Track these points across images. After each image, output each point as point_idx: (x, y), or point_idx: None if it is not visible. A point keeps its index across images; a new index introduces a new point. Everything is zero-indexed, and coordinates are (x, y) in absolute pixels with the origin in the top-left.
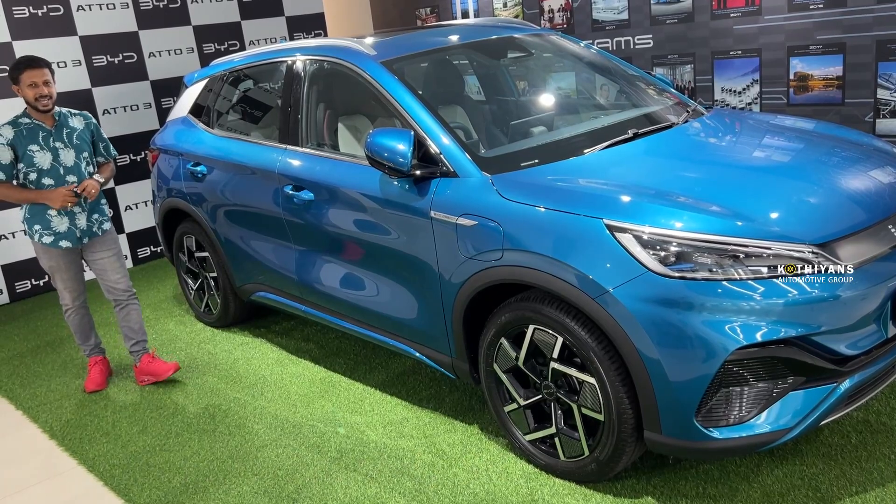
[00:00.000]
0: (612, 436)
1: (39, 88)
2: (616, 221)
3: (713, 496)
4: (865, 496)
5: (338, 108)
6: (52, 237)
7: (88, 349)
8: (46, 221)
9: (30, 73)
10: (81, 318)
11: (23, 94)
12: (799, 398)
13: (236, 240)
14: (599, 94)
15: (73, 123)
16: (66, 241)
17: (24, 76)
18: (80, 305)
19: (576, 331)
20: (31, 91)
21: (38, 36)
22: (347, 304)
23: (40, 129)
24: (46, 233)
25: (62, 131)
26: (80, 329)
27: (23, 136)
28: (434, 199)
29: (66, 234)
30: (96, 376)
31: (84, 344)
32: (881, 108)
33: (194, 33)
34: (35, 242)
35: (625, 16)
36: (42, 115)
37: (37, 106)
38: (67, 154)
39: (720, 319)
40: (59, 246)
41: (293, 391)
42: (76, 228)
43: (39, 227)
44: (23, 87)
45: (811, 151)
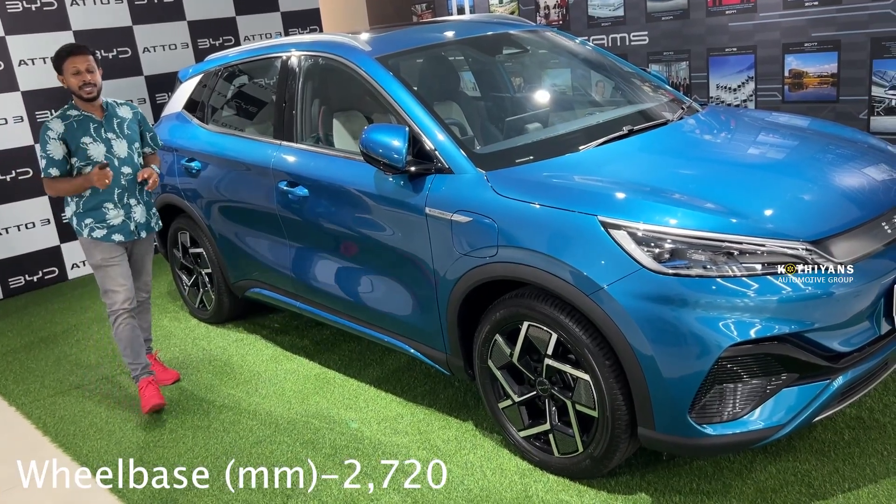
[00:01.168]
0: (607, 432)
1: (83, 75)
2: (611, 218)
3: (707, 492)
4: (858, 492)
5: (333, 104)
6: (104, 230)
7: (140, 368)
8: (101, 214)
9: (72, 59)
10: (133, 327)
11: (67, 82)
12: (792, 395)
13: (231, 236)
14: (595, 91)
15: (122, 113)
16: (119, 234)
17: (66, 64)
18: (131, 310)
19: (570, 327)
20: (75, 79)
21: (32, 30)
22: (342, 300)
23: (90, 120)
24: (99, 226)
25: (112, 121)
26: (131, 342)
27: (73, 128)
28: (429, 196)
29: (120, 227)
30: (154, 392)
31: (135, 361)
32: (875, 106)
33: (189, 28)
34: (84, 238)
35: (620, 12)
36: (90, 106)
37: (81, 94)
38: (120, 145)
39: (714, 316)
40: (112, 239)
41: (288, 387)
42: (131, 221)
43: (91, 221)
44: (67, 76)
45: (806, 149)
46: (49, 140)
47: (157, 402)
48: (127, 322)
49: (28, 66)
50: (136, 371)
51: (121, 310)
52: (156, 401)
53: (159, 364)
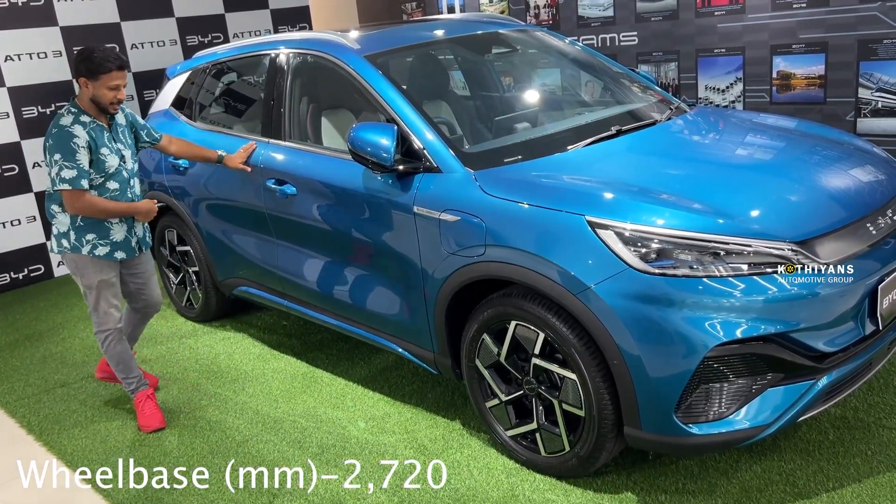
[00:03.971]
0: (593, 431)
1: (120, 92)
2: (598, 218)
3: (692, 491)
4: (842, 492)
5: (321, 102)
6: (107, 248)
7: (134, 382)
8: (105, 230)
9: (117, 74)
10: (123, 344)
11: (96, 91)
12: (778, 394)
13: (218, 234)
14: (584, 91)
15: (119, 120)
16: (122, 251)
17: (107, 76)
18: (120, 329)
19: (557, 327)
20: (110, 93)
21: (19, 26)
22: (330, 299)
23: (103, 129)
24: (102, 243)
25: (117, 130)
26: (123, 359)
27: (93, 137)
28: (417, 195)
29: (122, 243)
30: (155, 411)
31: (129, 377)
32: (862, 108)
33: (177, 25)
34: (82, 256)
35: (610, 13)
36: (99, 114)
37: (107, 108)
38: (128, 155)
39: (700, 316)
40: (115, 257)
41: (275, 386)
42: (133, 237)
43: (94, 237)
44: (101, 87)
45: (792, 150)
46: (78, 148)
47: (159, 425)
48: (118, 339)
49: (14, 61)
50: (131, 385)
51: (112, 329)
52: (156, 424)
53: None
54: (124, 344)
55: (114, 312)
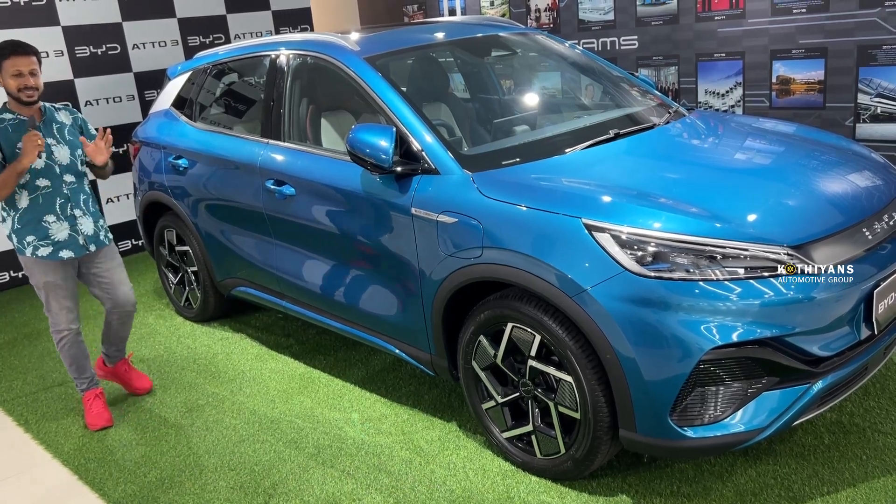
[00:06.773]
0: (588, 434)
1: (25, 79)
2: (595, 221)
3: (687, 495)
4: (837, 496)
5: (321, 104)
6: (49, 248)
7: (86, 382)
8: (43, 230)
9: (15, 60)
10: (78, 346)
11: (4, 83)
12: (773, 398)
13: (217, 234)
14: (583, 94)
15: (61, 118)
16: (68, 250)
17: (7, 63)
18: (76, 331)
19: (553, 329)
20: (14, 81)
21: (20, 25)
22: (328, 299)
23: (24, 123)
24: (42, 244)
25: (52, 127)
26: (76, 360)
27: (8, 133)
28: (415, 196)
29: (67, 242)
30: (102, 410)
31: (80, 377)
32: (861, 113)
33: (179, 26)
34: (26, 258)
35: (611, 16)
36: (26, 109)
37: (20, 97)
38: (62, 151)
39: (696, 319)
40: (59, 257)
41: (272, 387)
42: (79, 235)
43: (33, 238)
44: (4, 76)
45: (790, 155)
46: None
47: (105, 423)
48: (73, 342)
49: None
50: (82, 385)
51: (66, 330)
52: (103, 422)
53: (133, 370)
54: (80, 346)
55: (66, 313)
